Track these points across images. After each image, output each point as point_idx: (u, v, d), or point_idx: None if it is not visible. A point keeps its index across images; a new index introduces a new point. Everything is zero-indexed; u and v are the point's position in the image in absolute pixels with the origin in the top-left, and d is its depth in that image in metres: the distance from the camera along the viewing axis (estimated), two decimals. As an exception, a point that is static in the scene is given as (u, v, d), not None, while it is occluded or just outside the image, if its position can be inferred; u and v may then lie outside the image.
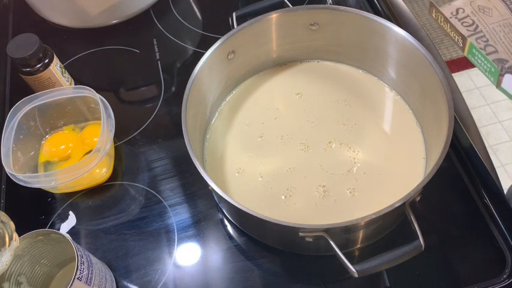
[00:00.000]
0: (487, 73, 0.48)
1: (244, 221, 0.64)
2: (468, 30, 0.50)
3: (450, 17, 0.51)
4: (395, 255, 0.52)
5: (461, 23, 0.50)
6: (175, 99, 0.80)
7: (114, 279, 0.63)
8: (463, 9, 0.51)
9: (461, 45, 0.49)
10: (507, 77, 0.46)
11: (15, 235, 0.51)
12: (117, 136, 0.77)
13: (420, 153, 0.67)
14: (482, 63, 0.48)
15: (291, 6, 0.71)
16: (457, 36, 0.50)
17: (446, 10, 0.51)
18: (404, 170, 0.66)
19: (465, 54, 0.49)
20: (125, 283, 0.64)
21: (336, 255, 0.52)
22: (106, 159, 0.71)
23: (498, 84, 0.47)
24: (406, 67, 0.68)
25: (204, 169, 0.58)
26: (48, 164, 0.73)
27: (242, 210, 0.54)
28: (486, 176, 0.65)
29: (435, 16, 0.52)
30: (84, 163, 0.65)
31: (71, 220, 0.70)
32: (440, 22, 0.51)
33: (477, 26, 0.50)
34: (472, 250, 0.63)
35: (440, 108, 0.60)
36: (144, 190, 0.72)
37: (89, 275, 0.55)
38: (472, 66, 0.51)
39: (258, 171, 0.67)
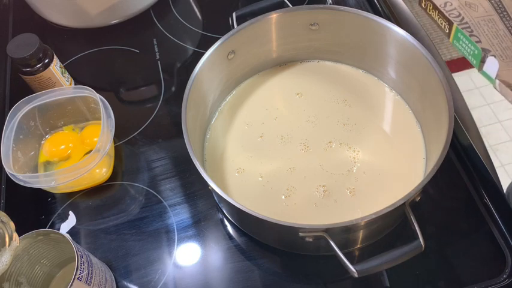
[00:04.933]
0: (470, 56, 0.50)
1: (244, 221, 0.64)
2: (454, 20, 0.53)
3: (439, 5, 0.54)
4: (395, 255, 0.52)
5: (448, 14, 0.53)
6: (175, 99, 0.80)
7: (114, 279, 0.63)
8: (451, 3, 0.53)
9: (447, 31, 0.52)
10: (490, 59, 0.48)
11: (15, 235, 0.51)
12: (117, 136, 0.77)
13: (420, 153, 0.67)
14: (467, 47, 0.50)
15: (291, 6, 0.71)
16: (444, 23, 0.52)
17: (436, 2, 0.54)
18: (404, 170, 0.66)
19: (450, 40, 0.52)
20: (125, 283, 0.64)
21: (336, 255, 0.52)
22: (106, 159, 0.71)
23: (480, 68, 0.49)
24: (406, 67, 0.68)
25: (204, 169, 0.58)
26: (48, 164, 0.73)
27: (242, 210, 0.54)
28: (486, 176, 0.65)
29: (424, 5, 0.54)
30: (84, 163, 0.65)
31: (71, 220, 0.70)
32: (429, 10, 0.54)
33: (463, 18, 0.52)
34: (472, 250, 0.63)
35: (440, 108, 0.60)
36: (144, 190, 0.72)
37: (89, 275, 0.55)
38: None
39: (258, 171, 0.67)
